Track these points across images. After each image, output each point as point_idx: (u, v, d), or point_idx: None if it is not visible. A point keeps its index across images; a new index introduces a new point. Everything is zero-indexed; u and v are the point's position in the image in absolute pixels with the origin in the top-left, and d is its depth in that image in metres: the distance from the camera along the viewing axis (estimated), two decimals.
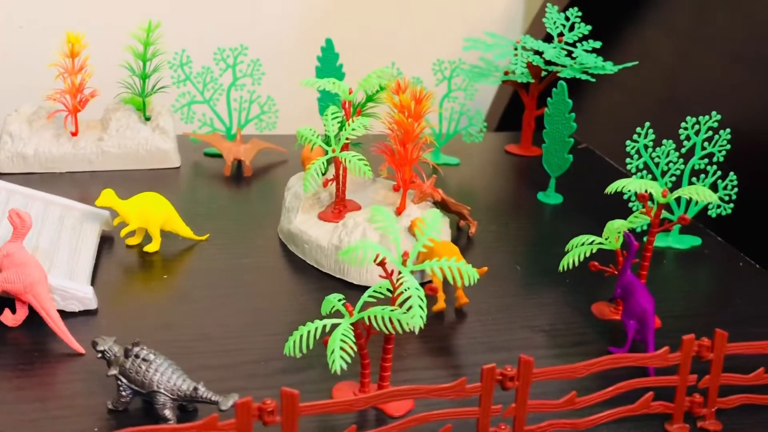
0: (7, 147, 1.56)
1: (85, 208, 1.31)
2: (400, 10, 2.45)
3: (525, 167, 1.82)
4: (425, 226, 0.88)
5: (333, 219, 1.30)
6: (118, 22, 1.76)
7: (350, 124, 1.24)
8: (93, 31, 1.62)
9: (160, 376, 0.87)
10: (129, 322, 1.09)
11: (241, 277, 1.24)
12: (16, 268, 1.01)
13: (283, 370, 1.01)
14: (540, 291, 1.25)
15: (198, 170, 1.69)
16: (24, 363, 0.99)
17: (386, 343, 0.91)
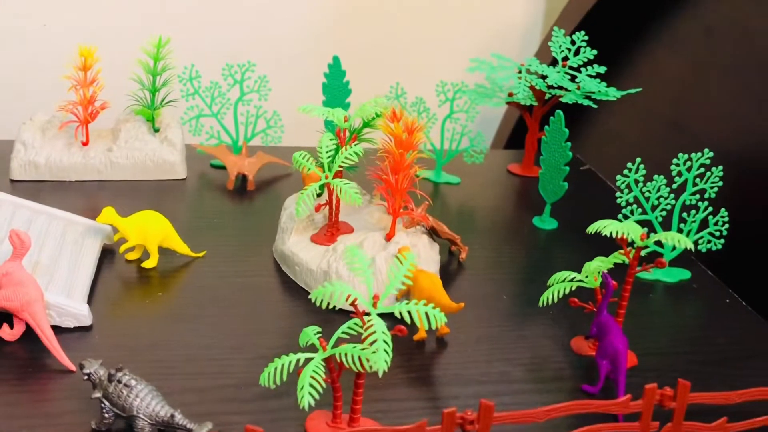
0: (20, 155, 1.62)
1: (88, 222, 1.36)
2: (409, 29, 2.48)
3: (525, 189, 1.84)
4: (397, 268, 0.91)
5: (325, 242, 1.34)
6: (129, 35, 1.82)
7: (344, 152, 1.28)
8: (105, 44, 1.68)
9: (140, 401, 0.91)
10: (121, 340, 1.14)
11: (232, 296, 1.28)
12: (14, 287, 1.07)
13: (262, 396, 1.05)
14: (523, 322, 1.28)
15: (203, 182, 1.73)
16: (17, 378, 1.04)
17: (357, 378, 0.94)
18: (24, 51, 2.20)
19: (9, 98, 2.21)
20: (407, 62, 2.48)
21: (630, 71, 2.15)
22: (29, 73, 2.21)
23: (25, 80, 2.22)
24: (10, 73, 2.21)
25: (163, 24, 1.92)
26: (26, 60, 2.20)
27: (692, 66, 1.96)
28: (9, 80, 2.22)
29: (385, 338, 0.85)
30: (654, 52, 2.12)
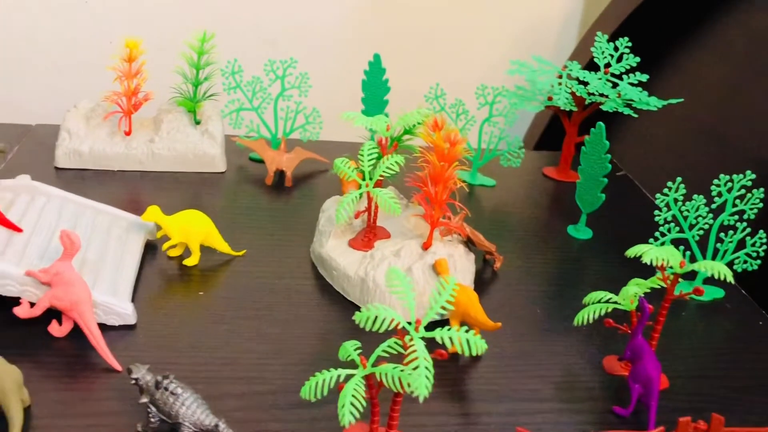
0: (65, 143, 1.65)
1: (132, 218, 1.39)
2: (444, 22, 2.47)
3: (560, 194, 1.85)
4: (440, 293, 0.93)
5: (362, 247, 1.36)
6: (176, 29, 1.84)
7: (385, 162, 1.29)
8: (150, 38, 1.70)
9: (185, 410, 0.94)
10: (163, 341, 1.17)
11: (271, 298, 1.31)
12: (64, 286, 1.10)
13: (300, 404, 1.08)
14: (555, 338, 1.29)
15: (241, 175, 1.76)
16: (66, 375, 1.08)
17: (396, 395, 0.97)
18: (69, 35, 2.22)
19: (54, 81, 2.24)
20: (442, 55, 2.47)
21: (669, 75, 2.13)
22: (74, 58, 2.24)
23: (70, 65, 2.25)
24: (55, 57, 2.24)
25: (207, 18, 1.94)
26: (71, 45, 2.23)
27: (734, 73, 1.94)
28: (53, 63, 2.25)
29: (427, 364, 0.87)
30: (695, 57, 2.10)
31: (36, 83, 2.25)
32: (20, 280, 1.11)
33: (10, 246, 1.17)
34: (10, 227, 1.20)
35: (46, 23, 2.21)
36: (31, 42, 2.22)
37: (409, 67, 2.31)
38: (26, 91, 2.25)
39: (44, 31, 2.21)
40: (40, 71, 2.25)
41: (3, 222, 1.20)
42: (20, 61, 2.23)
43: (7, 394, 0.94)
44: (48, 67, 2.25)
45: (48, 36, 2.22)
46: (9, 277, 1.11)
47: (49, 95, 2.21)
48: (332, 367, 1.15)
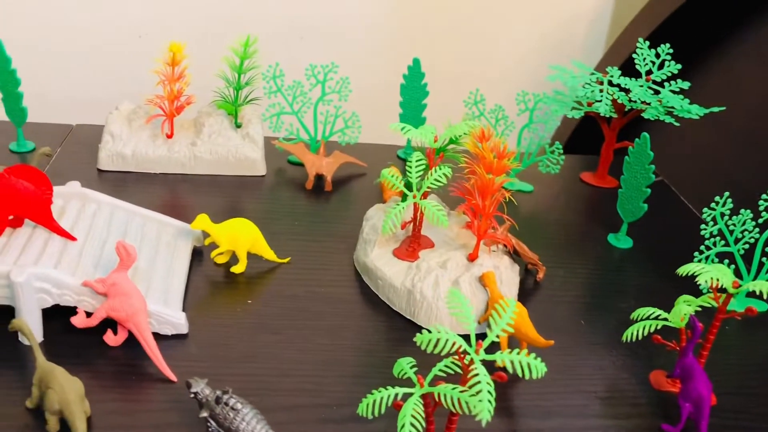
0: (108, 146, 1.67)
1: (179, 224, 1.40)
2: (474, 16, 2.46)
3: (598, 200, 1.84)
4: (500, 316, 0.93)
5: (407, 257, 1.36)
6: (218, 32, 1.85)
7: (433, 173, 1.29)
8: (193, 40, 1.70)
9: (245, 425, 0.96)
10: (215, 350, 1.19)
11: (318, 307, 1.32)
12: (120, 297, 1.12)
13: (352, 418, 1.09)
14: (600, 351, 1.30)
15: (280, 178, 1.77)
16: (122, 386, 1.09)
17: (452, 415, 0.98)
18: (103, 31, 2.24)
19: (90, 80, 2.26)
20: (474, 51, 2.46)
21: (706, 79, 2.11)
22: (110, 56, 2.25)
23: (110, 65, 2.26)
24: (91, 55, 2.25)
25: (251, 23, 1.95)
26: (106, 42, 2.25)
27: None
28: (89, 61, 2.27)
29: (489, 388, 0.88)
30: (735, 61, 2.08)
31: (72, 82, 2.26)
32: (77, 290, 1.13)
33: (65, 255, 1.19)
34: (64, 235, 1.22)
35: (80, 18, 2.22)
36: (69, 40, 2.24)
37: (449, 73, 2.31)
38: (62, 90, 2.26)
39: (80, 29, 2.22)
40: (76, 69, 2.27)
41: (57, 230, 1.22)
42: (57, 58, 2.25)
43: (71, 406, 0.96)
44: (83, 65, 2.26)
45: (85, 34, 2.23)
46: (66, 287, 1.13)
47: (86, 94, 2.22)
48: (383, 380, 1.16)
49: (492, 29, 2.49)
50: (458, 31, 2.46)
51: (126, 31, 2.24)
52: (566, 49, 2.60)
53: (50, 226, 1.21)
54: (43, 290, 1.11)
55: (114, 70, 2.28)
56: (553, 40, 2.58)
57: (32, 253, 1.17)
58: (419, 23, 2.41)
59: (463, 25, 2.45)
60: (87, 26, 2.21)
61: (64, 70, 2.26)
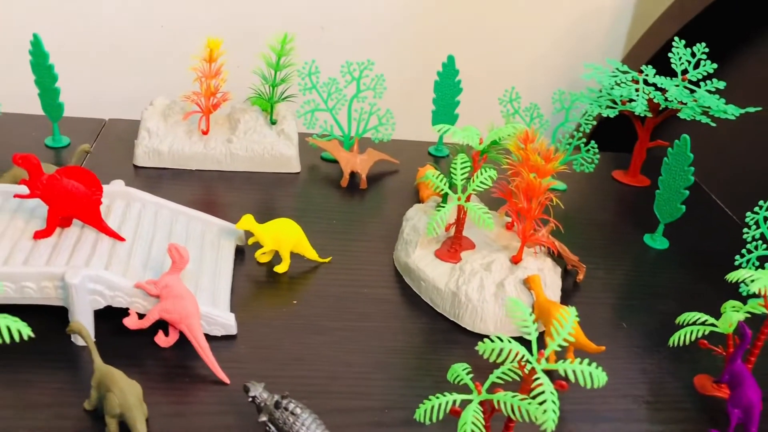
0: (144, 142, 1.67)
1: (222, 224, 1.41)
2: (496, 19, 2.45)
3: (632, 199, 1.84)
4: (561, 327, 0.94)
5: (449, 259, 1.37)
6: (256, 30, 1.84)
7: (479, 176, 1.29)
8: (230, 37, 1.70)
9: (305, 430, 0.97)
10: (265, 353, 1.19)
11: (362, 308, 1.32)
12: (173, 299, 1.12)
13: (404, 422, 1.10)
14: (643, 355, 1.30)
15: (314, 175, 1.77)
16: (177, 388, 1.10)
17: (509, 421, 0.98)
18: (131, 28, 2.23)
19: (137, 80, 2.25)
20: (493, 47, 2.45)
21: (740, 76, 2.10)
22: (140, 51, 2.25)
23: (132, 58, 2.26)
24: (117, 50, 2.25)
25: (287, 19, 1.94)
26: (132, 38, 2.24)
27: None
28: (115, 56, 2.26)
29: (553, 397, 0.89)
30: (763, 57, 2.07)
31: (105, 77, 2.25)
32: (129, 291, 1.14)
33: (114, 256, 1.19)
34: (113, 236, 1.22)
35: (102, 9, 2.21)
36: (88, 31, 2.23)
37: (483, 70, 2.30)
38: (93, 84, 2.26)
39: (108, 24, 2.22)
40: (96, 62, 2.26)
41: (106, 231, 1.22)
42: (78, 50, 2.24)
43: (131, 409, 0.97)
44: (112, 60, 2.25)
45: (106, 26, 2.22)
46: (119, 288, 1.13)
47: (118, 88, 2.22)
48: (432, 383, 1.17)
49: (512, 25, 2.48)
50: (477, 27, 2.44)
51: (148, 23, 2.23)
52: (586, 45, 2.58)
53: (99, 226, 1.22)
54: (96, 292, 1.12)
55: (136, 63, 2.28)
56: (574, 36, 2.56)
57: (83, 254, 1.17)
58: (444, 21, 2.40)
59: (482, 21, 2.44)
60: (107, 17, 2.21)
61: (85, 62, 2.25)
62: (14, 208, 1.26)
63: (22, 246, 1.18)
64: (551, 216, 1.33)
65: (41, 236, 1.19)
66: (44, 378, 1.09)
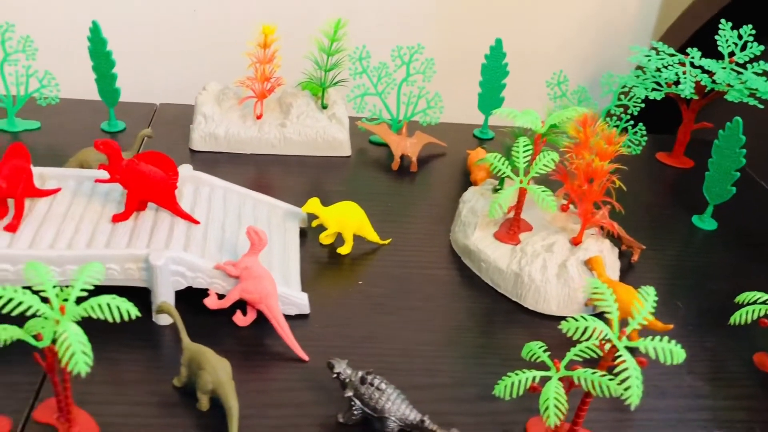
0: (201, 127, 1.70)
1: (286, 206, 1.44)
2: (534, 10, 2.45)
3: (677, 181, 1.86)
4: (642, 305, 0.97)
5: (509, 240, 1.40)
6: (307, 15, 1.86)
7: (541, 159, 1.32)
8: (282, 22, 1.72)
9: (391, 404, 1.00)
10: (337, 330, 1.23)
11: (424, 289, 1.36)
12: (254, 280, 1.16)
13: (477, 397, 1.13)
14: (701, 333, 1.33)
15: (364, 158, 1.79)
16: (256, 366, 1.14)
17: (586, 396, 1.02)
18: (165, 12, 2.25)
19: (185, 62, 2.28)
20: (520, 29, 2.46)
21: None
22: (196, 37, 2.27)
23: (192, 43, 2.28)
24: (178, 36, 2.27)
25: (339, 4, 1.96)
26: (166, 22, 2.26)
27: None
28: (176, 42, 2.29)
29: (637, 373, 0.92)
30: None
31: (150, 62, 2.28)
32: (209, 272, 1.17)
33: (191, 238, 1.23)
34: (188, 219, 1.26)
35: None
36: (141, 21, 2.25)
37: (529, 53, 2.31)
38: (139, 69, 2.28)
39: (153, 10, 2.24)
40: (136, 46, 2.28)
41: (181, 214, 1.26)
42: (118, 35, 2.27)
43: (224, 385, 1.01)
44: (157, 45, 2.28)
45: (157, 15, 2.25)
46: (200, 270, 1.17)
47: (163, 73, 2.25)
48: (500, 360, 1.21)
49: (539, 6, 2.48)
50: (504, 10, 2.45)
51: (181, 7, 2.24)
52: (615, 26, 2.59)
53: (174, 209, 1.25)
54: (178, 273, 1.16)
55: (180, 49, 2.30)
56: (602, 17, 2.57)
57: (161, 237, 1.21)
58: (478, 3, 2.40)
59: (507, 3, 2.44)
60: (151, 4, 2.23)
61: (133, 47, 2.28)
62: (89, 192, 1.30)
63: (102, 229, 1.21)
64: (613, 198, 1.35)
65: (119, 219, 1.23)
66: (130, 356, 1.13)
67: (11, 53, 1.63)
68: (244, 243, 1.27)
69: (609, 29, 2.57)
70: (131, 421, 1.03)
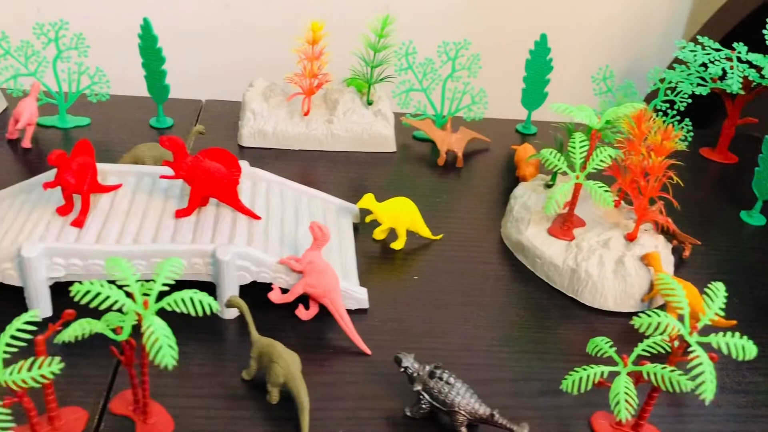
0: (249, 123, 1.72)
1: (339, 202, 1.45)
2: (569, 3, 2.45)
3: (722, 177, 1.86)
4: (713, 301, 0.97)
5: (563, 236, 1.40)
6: (354, 12, 1.87)
7: (599, 155, 1.32)
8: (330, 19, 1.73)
9: (461, 398, 1.01)
10: (395, 325, 1.24)
11: (479, 284, 1.37)
12: (317, 275, 1.17)
13: (540, 392, 1.14)
14: (757, 328, 1.33)
15: (409, 155, 1.80)
16: (321, 359, 1.16)
17: (653, 391, 1.02)
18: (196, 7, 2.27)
19: (235, 60, 2.30)
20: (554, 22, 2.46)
21: None
22: (243, 33, 2.29)
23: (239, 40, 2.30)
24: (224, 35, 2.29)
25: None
26: (197, 17, 2.28)
27: None
28: (223, 40, 2.31)
29: (710, 368, 0.92)
30: None
31: (196, 58, 2.29)
32: (273, 267, 1.19)
33: (253, 234, 1.24)
34: (249, 214, 1.27)
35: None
36: (183, 19, 2.27)
37: (577, 48, 2.30)
38: (185, 65, 2.31)
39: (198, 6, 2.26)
40: (192, 46, 2.30)
41: (243, 210, 1.27)
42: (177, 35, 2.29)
43: (295, 378, 1.02)
44: (198, 41, 2.30)
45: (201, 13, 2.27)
46: (264, 264, 1.18)
47: (206, 69, 2.27)
48: (560, 356, 1.22)
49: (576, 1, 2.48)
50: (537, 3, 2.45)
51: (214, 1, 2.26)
52: (647, 22, 2.58)
53: (236, 205, 1.27)
54: (243, 268, 1.17)
55: (220, 45, 2.32)
56: (633, 14, 2.56)
57: (224, 232, 1.22)
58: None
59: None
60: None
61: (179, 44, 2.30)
62: (149, 188, 1.32)
63: (165, 224, 1.23)
64: (670, 194, 1.35)
65: (182, 215, 1.24)
66: (197, 349, 1.15)
67: (64, 50, 1.65)
68: (302, 238, 1.28)
69: (640, 24, 2.56)
70: (202, 413, 1.05)
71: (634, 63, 2.60)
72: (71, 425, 0.99)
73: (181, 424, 1.02)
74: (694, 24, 2.62)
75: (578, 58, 2.42)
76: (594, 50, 2.52)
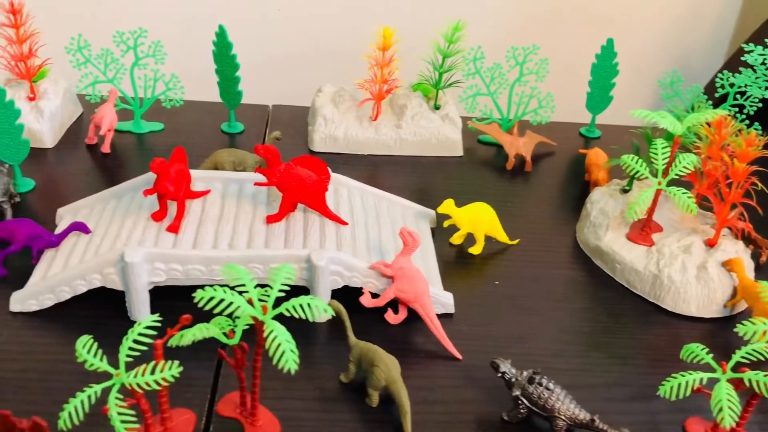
0: (321, 129, 1.74)
1: (418, 207, 1.47)
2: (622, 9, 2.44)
3: None
4: None
5: (642, 242, 1.41)
6: (422, 19, 1.89)
7: (681, 161, 1.33)
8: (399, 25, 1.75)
9: (560, 404, 1.03)
10: (482, 330, 1.26)
11: (560, 289, 1.38)
12: (408, 280, 1.19)
13: (630, 397, 1.15)
14: None
15: (475, 159, 1.82)
16: (413, 364, 1.17)
17: (752, 398, 1.03)
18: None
19: (299, 65, 2.33)
20: (601, 29, 2.45)
21: None
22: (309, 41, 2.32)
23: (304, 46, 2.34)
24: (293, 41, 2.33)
25: (454, 7, 1.98)
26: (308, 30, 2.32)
27: None
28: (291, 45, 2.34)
29: None
30: None
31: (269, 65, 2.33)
32: (364, 272, 1.21)
33: (342, 239, 1.26)
34: (336, 220, 1.30)
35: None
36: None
37: (645, 52, 2.30)
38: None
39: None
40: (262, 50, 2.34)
41: (330, 215, 1.30)
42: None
43: (396, 382, 1.05)
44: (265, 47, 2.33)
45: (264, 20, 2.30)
46: (356, 269, 1.21)
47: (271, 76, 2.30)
48: (647, 361, 1.22)
49: (625, 7, 2.48)
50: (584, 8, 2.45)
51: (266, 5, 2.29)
52: (697, 24, 2.56)
53: (324, 211, 1.29)
54: (336, 273, 1.20)
55: (280, 50, 2.35)
56: (685, 18, 2.54)
57: (315, 238, 1.25)
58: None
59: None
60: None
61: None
62: (236, 194, 1.35)
63: (257, 230, 1.26)
64: (753, 200, 1.35)
65: (273, 221, 1.27)
66: None
67: (142, 57, 1.69)
68: (387, 243, 1.31)
69: (687, 27, 2.55)
70: (305, 415, 1.07)
71: (683, 67, 2.59)
72: (181, 426, 1.02)
73: (287, 427, 1.04)
74: (743, 30, 2.60)
75: (630, 62, 2.40)
76: (643, 56, 2.52)
